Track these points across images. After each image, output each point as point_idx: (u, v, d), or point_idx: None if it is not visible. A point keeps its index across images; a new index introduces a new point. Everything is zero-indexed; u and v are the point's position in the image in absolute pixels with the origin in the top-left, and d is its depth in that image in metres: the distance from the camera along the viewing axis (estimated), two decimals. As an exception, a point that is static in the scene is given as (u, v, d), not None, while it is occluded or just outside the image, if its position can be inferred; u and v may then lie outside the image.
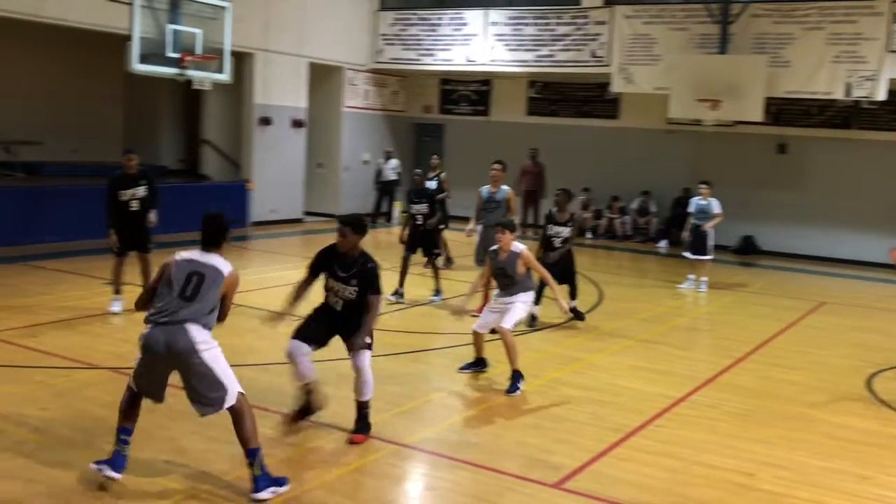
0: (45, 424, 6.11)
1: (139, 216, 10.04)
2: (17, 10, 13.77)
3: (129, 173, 10.01)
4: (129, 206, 9.95)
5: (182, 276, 5.38)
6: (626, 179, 19.53)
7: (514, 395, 7.41)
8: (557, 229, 10.29)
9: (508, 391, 7.43)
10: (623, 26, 18.17)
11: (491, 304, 7.96)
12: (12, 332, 8.61)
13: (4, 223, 13.58)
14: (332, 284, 6.36)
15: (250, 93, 18.23)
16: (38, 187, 15.20)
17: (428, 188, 11.71)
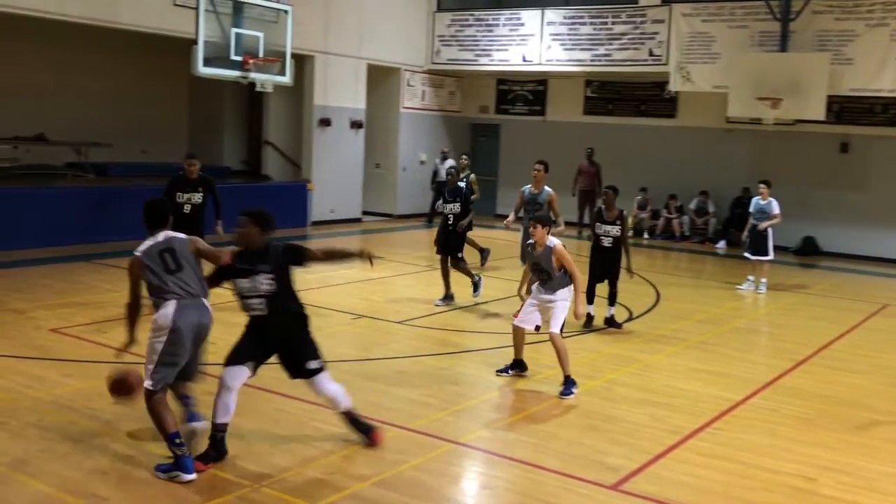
0: (114, 418, 6.32)
1: (192, 220, 10.03)
2: (95, 17, 14.29)
3: (190, 178, 10.19)
4: (183, 209, 10.07)
5: (156, 259, 5.66)
6: (684, 179, 19.34)
7: (568, 398, 7.41)
8: (606, 228, 10.13)
9: (561, 395, 7.44)
10: (681, 24, 18.01)
11: (531, 299, 7.81)
12: (82, 328, 8.92)
13: (76, 223, 14.03)
14: (241, 286, 5.76)
15: (310, 94, 18.53)
16: (107, 187, 15.68)
17: (461, 188, 11.40)
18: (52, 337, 8.56)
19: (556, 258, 7.57)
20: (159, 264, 5.64)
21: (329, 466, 5.63)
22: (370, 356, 8.54)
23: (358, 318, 10.07)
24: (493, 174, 22.50)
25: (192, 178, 10.19)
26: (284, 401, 6.91)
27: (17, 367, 7.47)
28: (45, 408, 6.45)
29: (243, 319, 9.25)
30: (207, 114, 21.34)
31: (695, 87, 18.07)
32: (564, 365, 7.51)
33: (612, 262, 10.14)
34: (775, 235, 13.37)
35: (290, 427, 6.32)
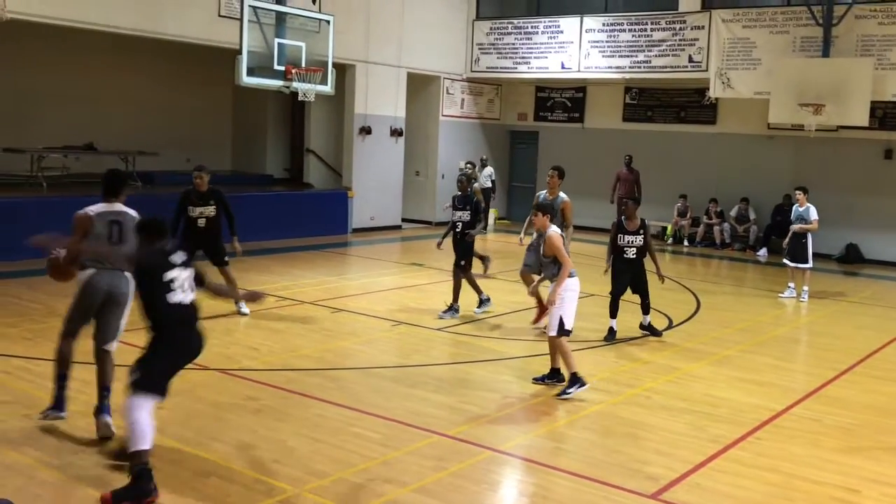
0: (160, 423, 6.37)
1: (208, 233, 10.07)
2: (142, 28, 14.60)
3: (200, 191, 10.06)
4: (197, 223, 10.01)
5: (104, 227, 6.19)
6: (724, 186, 19.19)
7: (565, 398, 7.46)
8: (629, 239, 9.90)
9: (559, 395, 7.51)
10: (721, 30, 17.90)
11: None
12: (128, 334, 9.05)
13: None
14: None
15: (351, 103, 18.72)
16: (153, 195, 15.95)
17: (471, 196, 11.09)
18: (100, 342, 8.74)
19: (547, 245, 7.68)
20: (105, 233, 6.19)
21: (369, 472, 5.69)
22: (409, 363, 8.60)
23: (397, 325, 10.15)
24: (532, 182, 22.49)
25: (203, 192, 10.05)
26: (324, 406, 7.00)
27: (67, 371, 7.63)
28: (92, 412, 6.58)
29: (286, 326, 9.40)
30: (251, 123, 21.65)
31: (735, 94, 17.94)
32: (568, 364, 7.56)
33: (637, 274, 9.94)
34: (817, 243, 13.22)
35: (329, 432, 6.40)
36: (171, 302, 5.41)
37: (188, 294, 5.51)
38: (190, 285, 5.56)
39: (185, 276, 5.53)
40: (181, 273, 5.50)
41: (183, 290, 5.47)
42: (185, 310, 5.49)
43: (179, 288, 5.45)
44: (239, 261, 14.26)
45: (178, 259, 5.55)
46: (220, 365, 8.06)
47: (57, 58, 16.76)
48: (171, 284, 5.42)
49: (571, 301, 7.65)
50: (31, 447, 5.87)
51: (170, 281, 5.42)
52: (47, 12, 13.20)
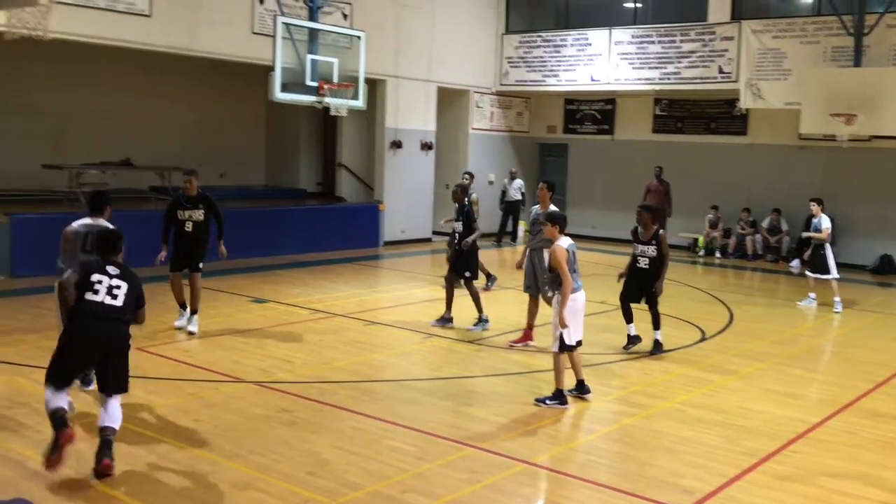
0: (196, 435, 6.55)
1: (193, 237, 10.04)
2: (177, 46, 14.90)
3: (189, 195, 10.02)
4: (185, 226, 10.01)
5: (80, 237, 7.12)
6: (755, 197, 19.06)
7: (538, 404, 7.53)
8: (642, 248, 9.79)
9: (536, 400, 7.61)
10: (751, 41, 17.83)
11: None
12: (167, 347, 9.25)
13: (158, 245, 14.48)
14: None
15: (382, 117, 18.89)
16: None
17: (465, 206, 10.99)
18: (139, 355, 8.83)
19: (551, 258, 7.64)
20: (78, 243, 7.16)
21: (402, 485, 5.73)
22: (441, 375, 8.64)
23: (429, 338, 10.20)
24: (562, 194, 22.47)
25: (192, 196, 10.03)
26: (358, 418, 7.06)
27: (105, 384, 7.76)
28: (130, 424, 6.68)
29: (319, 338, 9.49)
30: (284, 138, 21.89)
31: (766, 104, 17.85)
32: (557, 380, 7.58)
33: (647, 284, 9.75)
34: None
35: (364, 444, 6.45)
36: (87, 299, 5.91)
37: (109, 299, 5.94)
38: (115, 294, 5.98)
39: (113, 284, 6.00)
40: (110, 281, 6.00)
41: (105, 293, 5.94)
42: (97, 306, 5.91)
43: (102, 290, 5.94)
44: (274, 274, 14.51)
45: (113, 271, 6.07)
46: (255, 377, 8.16)
47: (95, 76, 17.10)
48: (95, 285, 5.94)
49: (573, 314, 7.56)
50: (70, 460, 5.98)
51: (96, 281, 5.96)
52: (87, 31, 13.49)
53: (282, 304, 11.93)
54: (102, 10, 13.68)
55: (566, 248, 7.62)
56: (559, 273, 7.48)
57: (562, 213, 8.24)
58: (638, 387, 8.38)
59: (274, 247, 16.50)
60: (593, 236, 21.14)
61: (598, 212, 21.33)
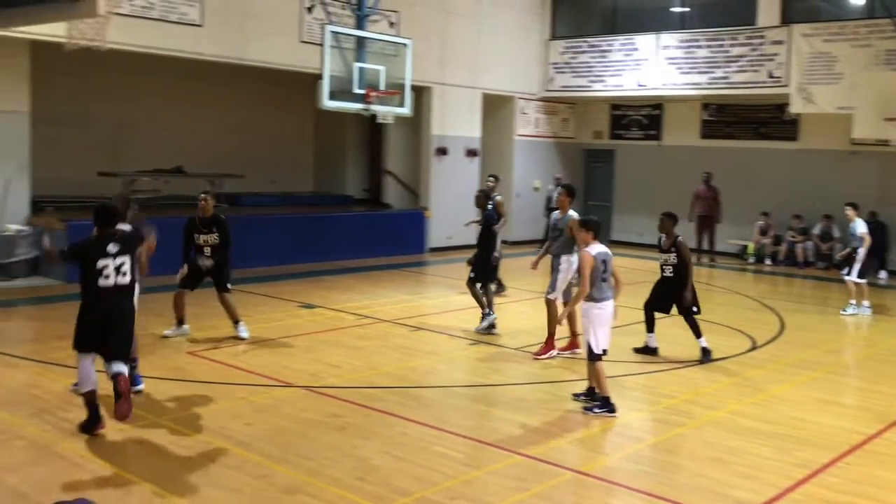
0: (247, 438, 6.63)
1: (214, 263, 9.91)
2: (227, 55, 15.20)
3: (204, 216, 9.83)
4: (203, 251, 9.83)
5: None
6: (807, 203, 18.75)
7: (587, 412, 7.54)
8: (664, 257, 9.73)
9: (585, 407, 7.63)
10: (801, 45, 17.57)
11: None
12: (217, 352, 9.39)
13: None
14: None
15: (428, 124, 18.99)
16: (239, 216, 16.44)
17: (486, 211, 11.13)
18: (190, 360, 9.04)
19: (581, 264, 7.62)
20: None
21: (450, 491, 5.75)
22: (488, 382, 8.65)
23: (475, 344, 10.21)
24: (608, 200, 22.37)
25: (206, 217, 9.82)
26: (406, 424, 7.09)
27: (159, 387, 7.92)
28: (182, 427, 6.81)
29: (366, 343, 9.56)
30: (331, 145, 22.09)
31: (817, 109, 17.57)
32: (600, 387, 7.61)
33: (673, 293, 9.67)
34: None
35: (412, 451, 6.48)
36: (101, 285, 6.59)
37: (116, 278, 6.62)
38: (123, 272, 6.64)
39: (118, 263, 6.63)
40: (114, 261, 6.61)
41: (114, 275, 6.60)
42: (111, 290, 6.62)
43: (111, 274, 6.59)
44: (322, 280, 14.66)
45: (112, 249, 6.63)
46: (305, 382, 8.25)
47: (148, 85, 17.43)
48: (104, 272, 6.56)
49: (600, 324, 7.53)
50: (124, 461, 6.10)
51: (103, 267, 6.56)
52: (142, 42, 13.80)
53: (330, 310, 12.04)
54: (157, 20, 13.99)
55: (594, 255, 7.56)
56: (582, 280, 7.49)
57: (597, 219, 8.25)
58: (687, 396, 8.30)
59: (322, 253, 16.65)
60: (640, 243, 20.96)
61: (644, 219, 21.13)
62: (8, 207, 13.62)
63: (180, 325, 10.03)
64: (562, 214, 9.81)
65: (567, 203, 9.81)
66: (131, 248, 6.85)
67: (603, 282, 7.55)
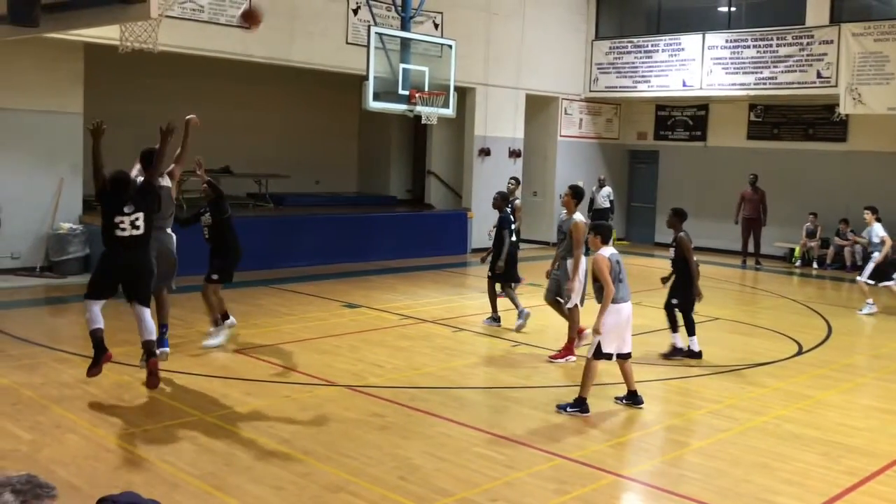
0: (291, 437, 6.72)
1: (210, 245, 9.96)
2: (274, 57, 15.41)
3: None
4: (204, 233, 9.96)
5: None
6: (856, 206, 18.37)
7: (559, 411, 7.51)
8: (671, 253, 9.85)
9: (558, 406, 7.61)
10: (851, 44, 17.27)
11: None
12: (262, 350, 9.52)
13: (256, 249, 14.94)
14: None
15: (471, 125, 19.04)
16: (284, 216, 16.67)
17: (502, 214, 11.36)
18: (236, 357, 9.19)
19: (593, 267, 7.55)
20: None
21: (492, 493, 5.77)
22: (529, 384, 8.66)
23: (517, 346, 10.22)
24: (652, 202, 22.22)
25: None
26: (448, 425, 7.12)
27: (205, 385, 8.06)
28: (228, 425, 6.93)
29: (409, 343, 9.64)
30: (375, 145, 22.25)
31: (867, 110, 17.26)
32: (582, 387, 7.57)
33: (673, 289, 9.75)
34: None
35: (453, 451, 6.51)
36: (117, 235, 7.55)
37: (133, 230, 7.56)
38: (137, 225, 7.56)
39: (132, 219, 7.54)
40: (130, 217, 7.54)
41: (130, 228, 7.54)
42: (125, 240, 7.56)
43: (127, 226, 7.54)
44: (365, 279, 14.77)
45: (128, 209, 7.55)
46: (347, 381, 8.33)
47: (197, 86, 17.70)
48: (120, 224, 7.52)
49: (617, 326, 7.50)
50: (172, 456, 6.22)
51: (119, 222, 7.52)
52: (192, 44, 14.05)
53: (373, 310, 12.13)
54: (206, 23, 14.22)
55: (608, 256, 7.54)
56: (600, 281, 7.45)
57: (608, 224, 8.13)
58: (732, 400, 8.22)
59: (365, 253, 16.80)
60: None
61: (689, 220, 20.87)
62: (61, 206, 13.95)
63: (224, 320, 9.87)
64: (567, 216, 9.74)
65: (572, 205, 9.71)
66: (149, 203, 7.75)
67: (619, 283, 7.55)
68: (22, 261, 13.69)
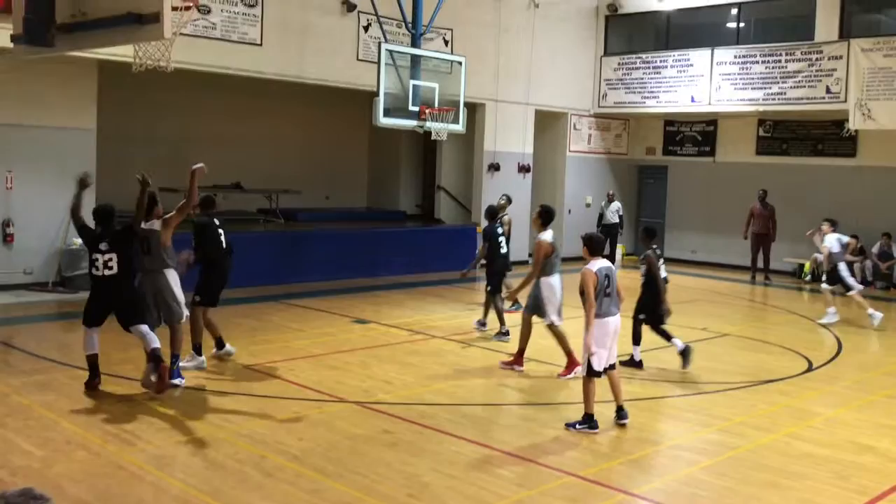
0: (301, 453, 6.73)
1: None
2: (285, 73, 15.54)
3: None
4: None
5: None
6: (865, 221, 18.36)
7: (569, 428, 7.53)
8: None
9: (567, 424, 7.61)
10: (861, 60, 17.28)
11: None
12: (273, 366, 9.54)
13: (267, 264, 15.02)
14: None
15: (481, 140, 19.14)
16: (294, 232, 16.73)
17: (488, 229, 11.75)
18: (246, 373, 9.21)
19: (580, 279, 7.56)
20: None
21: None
22: (540, 401, 8.65)
23: (526, 362, 10.19)
24: (661, 217, 22.20)
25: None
26: (458, 442, 7.12)
27: (215, 401, 8.09)
28: (238, 441, 6.95)
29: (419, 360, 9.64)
30: (385, 161, 22.34)
31: (877, 125, 17.24)
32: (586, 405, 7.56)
33: (642, 305, 9.98)
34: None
35: (463, 469, 6.51)
36: (93, 273, 8.10)
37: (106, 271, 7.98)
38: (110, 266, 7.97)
39: (106, 258, 7.98)
40: (103, 256, 7.98)
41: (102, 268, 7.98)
42: (99, 279, 8.05)
43: (101, 266, 7.98)
44: (374, 295, 14.79)
45: (104, 247, 8.02)
46: (357, 397, 8.34)
47: (209, 103, 17.85)
48: (95, 263, 8.01)
49: (603, 340, 7.48)
50: (182, 473, 6.24)
51: (95, 260, 8.02)
52: (204, 61, 14.16)
53: (382, 325, 12.16)
54: (219, 40, 14.34)
55: (595, 270, 7.53)
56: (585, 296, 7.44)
57: (599, 237, 8.11)
58: (742, 417, 8.20)
59: (375, 268, 16.84)
60: (693, 261, 20.81)
61: (698, 236, 20.98)
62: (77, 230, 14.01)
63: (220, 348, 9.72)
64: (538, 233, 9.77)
65: (538, 224, 9.73)
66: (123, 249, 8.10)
67: (605, 297, 7.52)
68: (35, 276, 13.76)
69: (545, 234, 9.61)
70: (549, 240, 9.56)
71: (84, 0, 7.52)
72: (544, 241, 9.51)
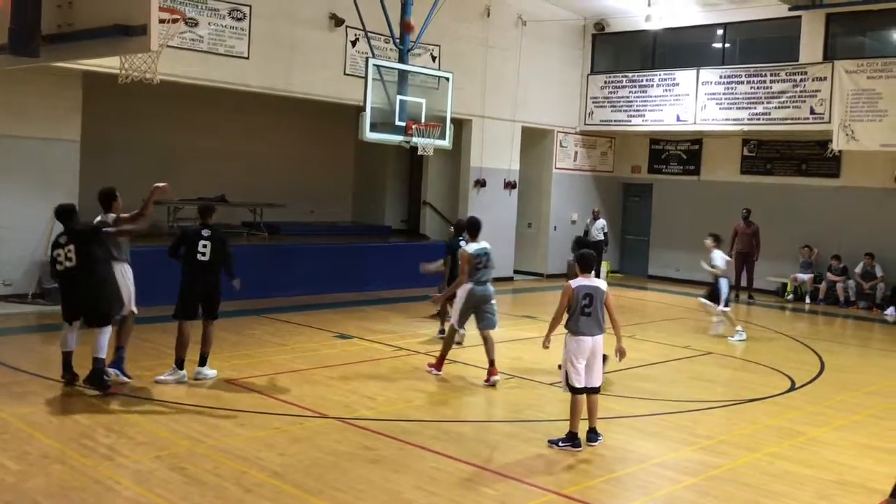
0: (282, 469, 6.67)
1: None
2: (272, 87, 15.51)
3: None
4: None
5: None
6: (848, 241, 18.52)
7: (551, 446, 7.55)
8: None
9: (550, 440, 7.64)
10: (844, 81, 17.46)
11: None
12: (254, 380, 9.47)
13: (250, 278, 14.84)
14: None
15: (467, 156, 19.18)
16: (278, 245, 16.66)
17: (452, 244, 12.04)
18: (227, 388, 9.14)
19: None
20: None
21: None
22: (522, 417, 8.63)
23: (509, 379, 10.19)
24: (646, 235, 22.29)
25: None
26: (440, 459, 7.08)
27: (196, 415, 8.01)
28: (219, 456, 6.88)
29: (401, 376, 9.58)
30: (371, 176, 22.29)
31: (860, 146, 17.41)
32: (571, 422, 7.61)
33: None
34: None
35: (445, 486, 6.47)
36: (57, 269, 8.46)
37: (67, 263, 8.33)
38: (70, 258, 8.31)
39: (66, 251, 8.33)
40: (63, 249, 8.35)
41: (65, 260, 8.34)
42: (63, 272, 8.40)
43: (63, 260, 8.35)
44: (358, 310, 14.74)
45: (62, 240, 8.43)
46: (339, 413, 8.29)
47: (193, 115, 17.78)
48: (57, 259, 8.39)
49: (575, 358, 7.51)
50: (161, 488, 6.17)
51: (56, 255, 8.40)
52: (191, 73, 14.13)
53: (366, 341, 12.11)
54: (205, 53, 14.32)
55: (574, 287, 7.58)
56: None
57: (587, 254, 8.02)
58: (725, 436, 8.20)
59: (359, 283, 16.79)
60: (677, 279, 20.88)
61: (682, 254, 21.03)
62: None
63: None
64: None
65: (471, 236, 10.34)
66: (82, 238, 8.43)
67: (584, 316, 7.52)
68: (14, 288, 13.64)
69: (471, 245, 10.11)
70: (471, 250, 10.01)
71: (70, 11, 7.46)
72: (465, 251, 10.09)
